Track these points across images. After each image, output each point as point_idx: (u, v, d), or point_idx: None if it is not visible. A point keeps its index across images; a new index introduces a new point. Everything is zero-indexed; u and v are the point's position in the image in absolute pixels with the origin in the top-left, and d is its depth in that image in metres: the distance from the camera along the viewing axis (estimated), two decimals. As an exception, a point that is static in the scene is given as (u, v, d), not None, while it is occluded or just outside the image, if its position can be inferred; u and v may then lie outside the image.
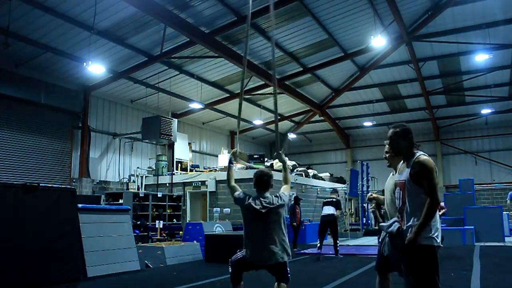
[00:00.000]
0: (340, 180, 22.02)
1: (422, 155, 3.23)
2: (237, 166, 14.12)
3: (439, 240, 3.16)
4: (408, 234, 3.12)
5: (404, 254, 3.15)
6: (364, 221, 18.01)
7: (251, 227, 4.07)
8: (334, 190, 11.68)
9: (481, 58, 16.06)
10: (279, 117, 21.90)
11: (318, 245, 10.14)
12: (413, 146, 3.32)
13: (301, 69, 17.01)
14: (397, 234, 3.21)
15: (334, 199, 10.64)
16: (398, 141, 3.34)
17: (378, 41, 13.05)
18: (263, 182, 4.17)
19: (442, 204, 12.46)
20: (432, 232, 3.11)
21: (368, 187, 18.54)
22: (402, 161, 3.45)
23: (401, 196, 3.29)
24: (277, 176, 19.66)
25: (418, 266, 3.09)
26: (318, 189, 19.24)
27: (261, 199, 4.06)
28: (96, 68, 11.78)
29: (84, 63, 11.38)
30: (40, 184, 7.11)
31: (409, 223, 3.16)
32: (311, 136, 26.72)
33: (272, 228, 3.99)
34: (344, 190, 18.83)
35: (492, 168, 22.44)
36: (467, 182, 16.43)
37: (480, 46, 15.73)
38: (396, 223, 3.27)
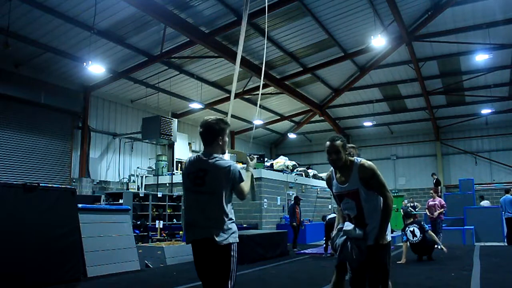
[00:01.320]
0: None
1: (362, 159, 3.35)
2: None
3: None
4: (370, 236, 3.24)
5: (373, 254, 3.24)
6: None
7: (186, 197, 3.12)
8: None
9: (481, 58, 16.04)
10: (278, 117, 22.20)
11: (324, 246, 10.94)
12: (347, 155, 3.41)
13: (301, 69, 16.99)
14: (364, 237, 3.28)
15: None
16: (341, 153, 3.31)
17: (378, 41, 13.03)
18: (206, 131, 3.07)
19: (443, 202, 12.45)
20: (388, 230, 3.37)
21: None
22: (335, 172, 3.46)
23: (355, 206, 3.30)
24: (278, 176, 19.38)
25: (383, 261, 3.28)
26: (318, 189, 19.24)
27: (201, 158, 3.05)
28: (96, 68, 11.78)
29: (84, 63, 11.38)
30: (40, 184, 7.10)
31: (370, 226, 3.26)
32: (311, 136, 26.72)
33: (208, 200, 2.96)
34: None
35: (492, 168, 22.43)
36: (467, 182, 16.45)
37: (480, 46, 15.72)
38: (357, 227, 3.29)
